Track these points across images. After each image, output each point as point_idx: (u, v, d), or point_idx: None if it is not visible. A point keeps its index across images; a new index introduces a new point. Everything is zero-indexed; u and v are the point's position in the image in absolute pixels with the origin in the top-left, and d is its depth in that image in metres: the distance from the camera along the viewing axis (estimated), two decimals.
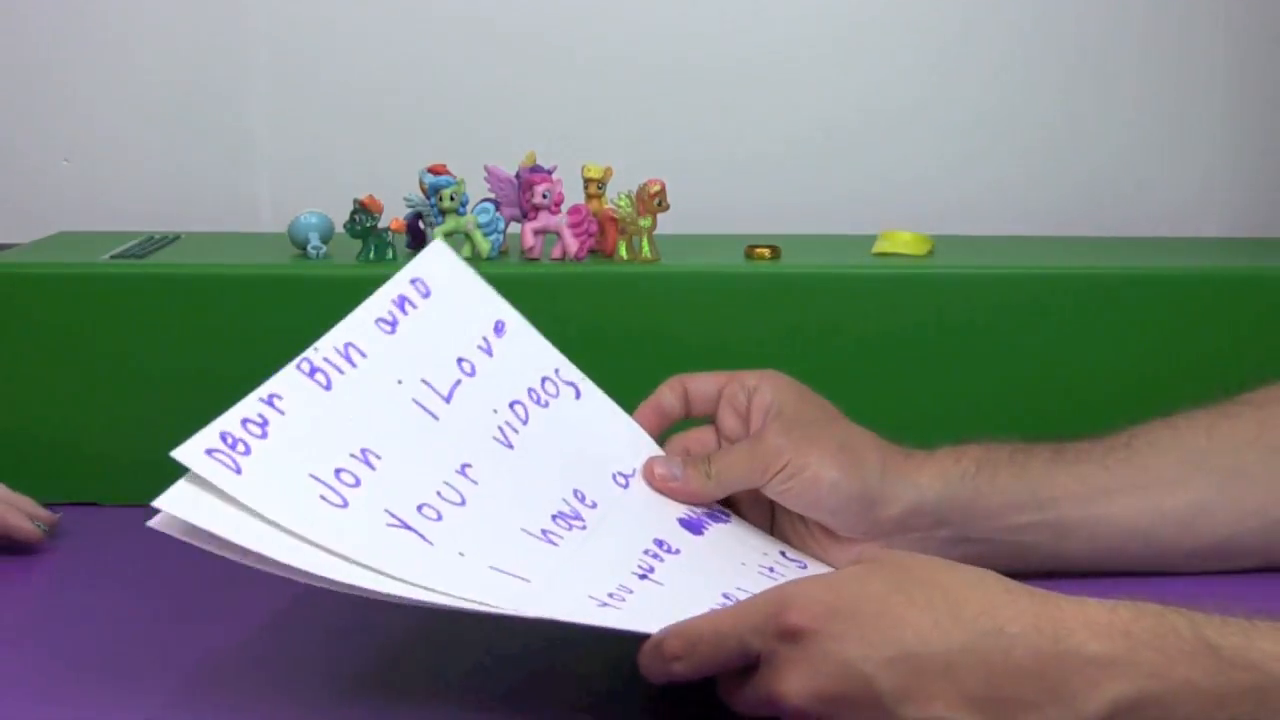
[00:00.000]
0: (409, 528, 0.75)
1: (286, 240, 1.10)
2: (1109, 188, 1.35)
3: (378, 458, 0.77)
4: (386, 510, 0.75)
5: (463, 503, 0.77)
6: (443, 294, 0.85)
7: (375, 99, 1.34)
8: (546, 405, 0.85)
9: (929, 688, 0.65)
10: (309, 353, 0.80)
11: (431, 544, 0.75)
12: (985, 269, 1.08)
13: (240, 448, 0.74)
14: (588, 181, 1.10)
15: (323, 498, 0.74)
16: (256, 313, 1.03)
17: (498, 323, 0.86)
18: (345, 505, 0.74)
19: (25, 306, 1.04)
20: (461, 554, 0.75)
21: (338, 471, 0.76)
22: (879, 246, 1.13)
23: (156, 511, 0.72)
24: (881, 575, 0.68)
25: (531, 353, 0.87)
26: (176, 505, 0.72)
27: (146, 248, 1.14)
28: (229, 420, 0.75)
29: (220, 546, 0.71)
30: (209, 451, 0.73)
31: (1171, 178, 1.36)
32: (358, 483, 0.76)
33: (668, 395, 0.91)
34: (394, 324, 0.83)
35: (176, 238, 1.20)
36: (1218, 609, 0.65)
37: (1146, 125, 1.35)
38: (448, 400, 0.82)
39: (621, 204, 1.06)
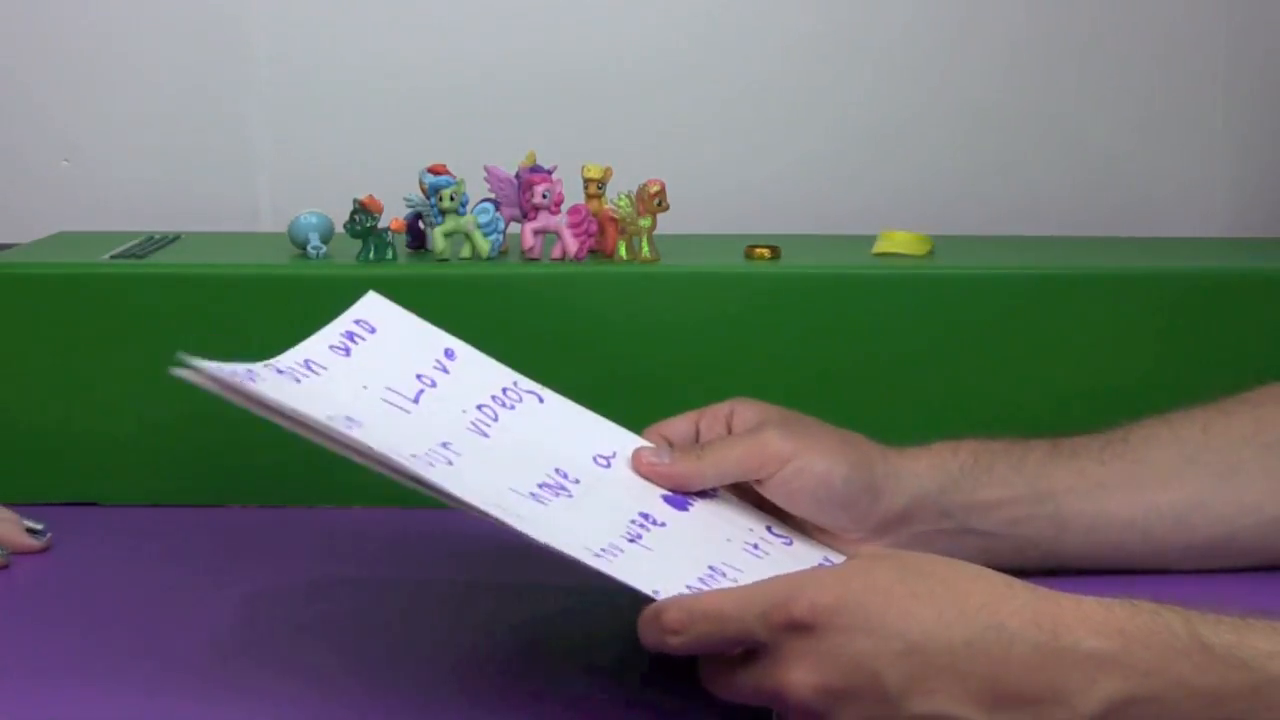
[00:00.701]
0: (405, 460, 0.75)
1: (286, 240, 1.10)
2: (1109, 188, 1.36)
3: (359, 423, 0.77)
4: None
5: (450, 463, 0.78)
6: (388, 330, 0.86)
7: (375, 99, 1.34)
8: (513, 408, 0.85)
9: (933, 681, 0.65)
10: (272, 361, 0.80)
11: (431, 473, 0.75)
12: (985, 269, 1.08)
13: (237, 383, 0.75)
14: (588, 181, 1.10)
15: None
16: (256, 313, 1.03)
17: (447, 350, 0.87)
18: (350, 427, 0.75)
19: (25, 306, 1.04)
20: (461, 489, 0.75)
21: (329, 415, 0.76)
22: (879, 246, 1.13)
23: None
24: (885, 567, 0.68)
25: (488, 370, 0.87)
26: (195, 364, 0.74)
27: (146, 248, 1.14)
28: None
29: (231, 392, 0.74)
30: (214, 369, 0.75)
31: (1171, 177, 1.36)
32: (349, 429, 0.76)
33: (653, 442, 0.86)
34: (347, 350, 0.83)
35: (176, 238, 1.20)
36: (1211, 608, 0.66)
37: (1147, 125, 1.35)
38: (415, 401, 0.83)
39: (621, 204, 1.06)
